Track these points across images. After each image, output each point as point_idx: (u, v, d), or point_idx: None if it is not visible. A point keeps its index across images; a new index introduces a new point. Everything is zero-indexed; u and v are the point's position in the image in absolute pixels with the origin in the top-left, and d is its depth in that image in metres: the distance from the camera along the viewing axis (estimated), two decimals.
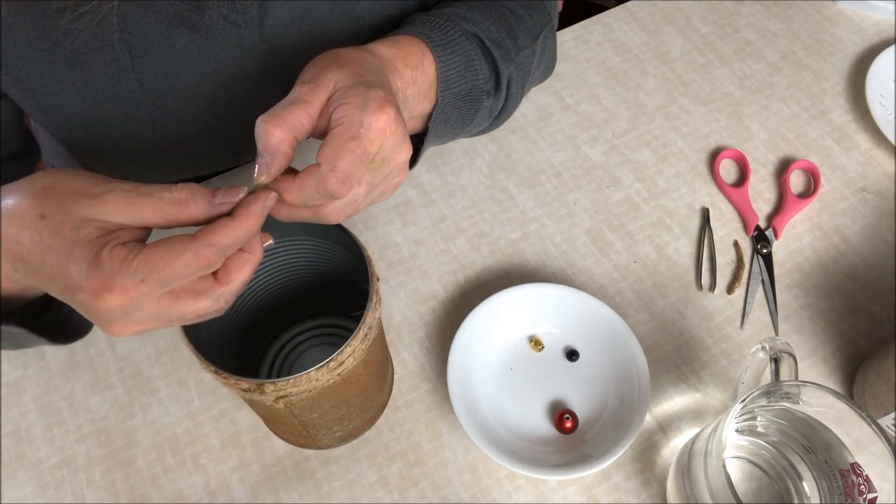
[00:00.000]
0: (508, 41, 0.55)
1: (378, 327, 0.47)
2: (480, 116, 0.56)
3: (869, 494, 0.43)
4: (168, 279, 0.33)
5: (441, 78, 0.50)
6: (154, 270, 0.33)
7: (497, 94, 0.55)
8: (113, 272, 0.32)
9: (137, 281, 0.33)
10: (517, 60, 0.56)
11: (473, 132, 0.60)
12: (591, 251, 0.66)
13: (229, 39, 0.53)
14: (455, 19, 0.52)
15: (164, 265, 0.33)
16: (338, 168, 0.38)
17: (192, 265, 0.33)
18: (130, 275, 0.32)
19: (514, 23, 0.56)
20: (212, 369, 0.42)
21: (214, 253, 0.34)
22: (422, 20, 0.52)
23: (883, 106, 0.73)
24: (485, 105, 0.55)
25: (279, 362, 0.60)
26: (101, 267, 0.32)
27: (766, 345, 0.48)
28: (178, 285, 0.34)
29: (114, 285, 0.32)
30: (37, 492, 0.56)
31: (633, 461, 0.56)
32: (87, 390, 0.60)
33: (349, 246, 0.47)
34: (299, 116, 0.39)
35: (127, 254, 0.33)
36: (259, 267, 0.52)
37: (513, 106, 0.60)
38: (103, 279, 0.32)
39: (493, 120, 0.59)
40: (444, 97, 0.50)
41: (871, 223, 0.67)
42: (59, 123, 0.53)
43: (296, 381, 0.41)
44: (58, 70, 0.50)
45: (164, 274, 0.33)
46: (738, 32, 0.80)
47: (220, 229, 0.34)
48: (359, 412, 0.53)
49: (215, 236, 0.34)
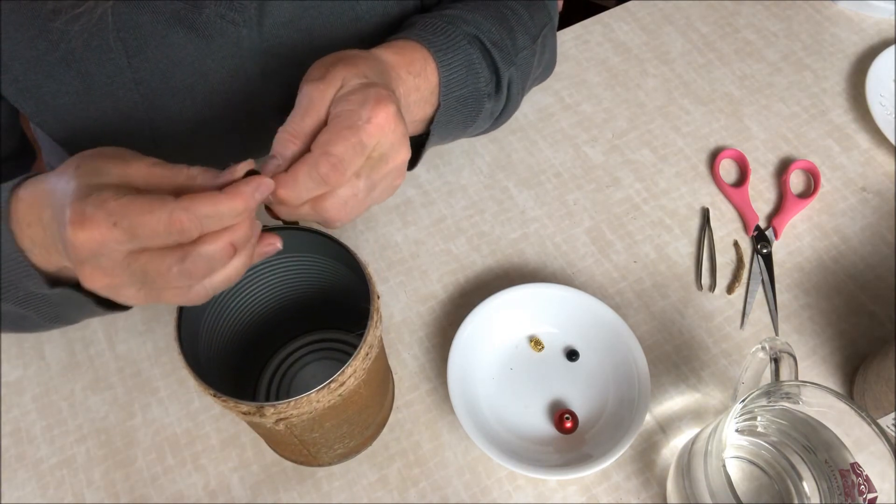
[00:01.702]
0: (508, 42, 0.55)
1: (379, 345, 0.46)
2: (481, 118, 0.56)
3: (869, 494, 0.43)
4: (138, 230, 0.33)
5: (443, 83, 0.50)
6: (127, 217, 0.33)
7: (498, 95, 0.56)
8: (91, 208, 0.33)
9: (110, 223, 0.33)
10: (517, 61, 0.56)
11: (474, 133, 0.60)
12: (591, 251, 0.66)
13: (226, 38, 0.53)
14: (456, 22, 0.52)
15: (137, 215, 0.33)
16: (330, 152, 0.38)
17: (164, 223, 0.33)
18: (105, 215, 0.33)
19: (514, 23, 0.56)
20: (211, 392, 0.41)
21: (189, 219, 0.33)
22: (423, 23, 0.52)
23: (883, 106, 0.73)
24: (486, 107, 0.55)
25: (279, 377, 0.60)
26: (84, 202, 0.34)
27: (766, 345, 0.48)
28: (149, 243, 0.34)
29: (87, 220, 0.33)
30: (37, 492, 0.56)
31: (633, 461, 0.56)
32: (87, 390, 0.60)
33: (350, 263, 0.46)
34: (314, 126, 0.40)
35: (110, 196, 0.34)
36: (260, 282, 0.52)
37: (513, 107, 0.60)
38: (81, 212, 0.34)
39: (494, 121, 0.60)
40: (447, 101, 0.51)
41: (871, 223, 0.67)
42: (56, 123, 0.53)
43: (296, 404, 0.41)
44: (54, 70, 0.50)
45: (135, 223, 0.33)
46: (738, 32, 0.80)
47: (201, 197, 0.34)
48: (360, 430, 0.53)
49: (194, 202, 0.34)
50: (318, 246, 0.48)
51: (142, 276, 0.35)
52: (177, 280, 0.35)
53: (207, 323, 0.49)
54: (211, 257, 0.35)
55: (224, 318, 0.51)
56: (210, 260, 0.35)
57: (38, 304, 0.45)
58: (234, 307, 0.52)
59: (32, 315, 0.46)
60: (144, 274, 0.35)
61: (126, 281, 0.35)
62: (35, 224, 0.40)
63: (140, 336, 0.62)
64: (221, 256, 0.35)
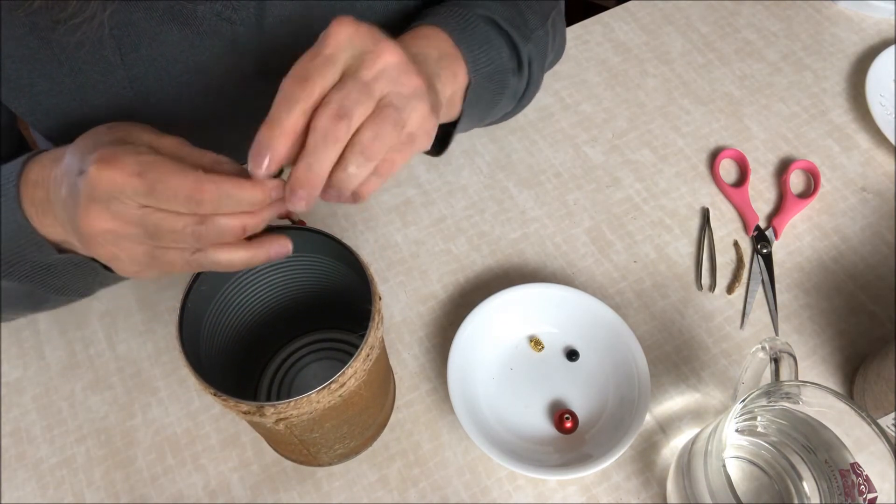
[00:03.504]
0: (520, 21, 0.56)
1: (380, 346, 0.46)
2: (507, 97, 0.57)
3: (869, 494, 0.43)
4: (158, 186, 0.34)
5: (469, 60, 0.50)
6: (154, 170, 0.34)
7: (520, 73, 0.56)
8: (124, 153, 0.35)
9: (136, 171, 0.34)
10: (533, 39, 0.57)
11: (497, 116, 0.61)
12: (591, 251, 0.66)
13: (222, 36, 0.53)
14: (469, 6, 0.53)
15: (164, 172, 0.34)
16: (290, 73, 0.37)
17: (188, 187, 0.34)
18: (135, 162, 0.34)
19: (523, 6, 0.58)
20: (211, 391, 0.41)
21: (211, 191, 0.34)
22: (435, 11, 0.53)
23: (883, 106, 0.73)
24: (511, 84, 0.56)
25: (280, 377, 0.60)
26: (118, 147, 0.35)
27: (766, 345, 0.48)
28: (163, 203, 0.35)
29: (115, 161, 0.35)
30: (37, 492, 0.56)
31: (633, 461, 0.56)
32: (87, 390, 0.60)
33: (352, 263, 0.46)
34: None
35: (145, 150, 0.36)
36: (262, 282, 0.52)
37: (534, 87, 0.61)
38: (112, 153, 0.35)
39: (518, 102, 0.61)
40: (476, 77, 0.51)
41: (871, 223, 0.67)
42: (50, 122, 0.53)
43: (297, 404, 0.41)
44: (46, 68, 0.50)
45: (160, 178, 0.34)
46: (738, 32, 0.80)
47: (228, 178, 0.35)
48: (360, 430, 0.53)
49: (221, 178, 0.35)
50: (321, 246, 0.48)
51: (152, 229, 0.36)
52: (185, 240, 0.36)
53: (209, 322, 0.49)
54: (224, 228, 0.36)
55: (226, 318, 0.51)
56: (222, 231, 0.36)
57: (44, 275, 0.45)
58: (235, 306, 0.52)
59: (38, 289, 0.46)
60: (156, 228, 0.35)
61: (130, 231, 0.36)
62: (41, 184, 0.41)
63: (140, 336, 0.62)
64: (233, 232, 0.36)
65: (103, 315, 0.63)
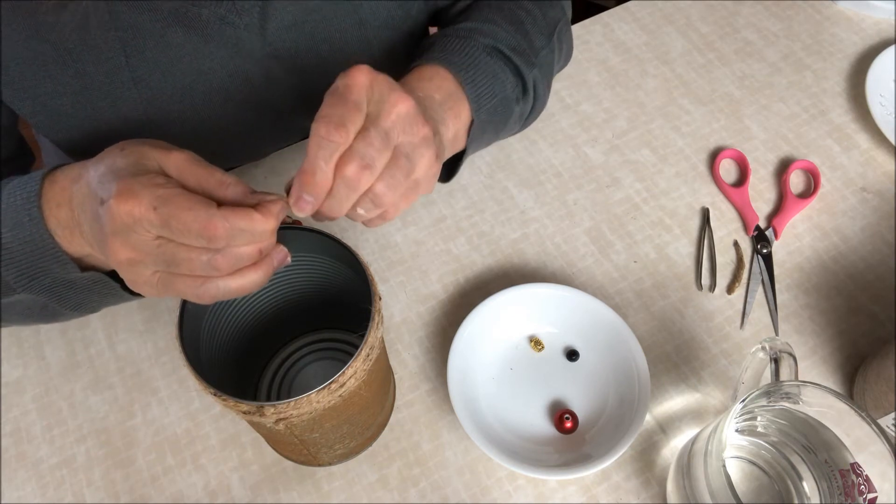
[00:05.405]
0: (526, 45, 0.56)
1: (380, 347, 0.46)
2: (512, 122, 0.57)
3: (869, 494, 0.43)
4: (172, 221, 0.35)
5: (472, 98, 0.51)
6: (168, 205, 0.35)
7: (525, 97, 0.57)
8: (140, 186, 0.36)
9: (151, 205, 0.35)
10: (538, 62, 0.57)
11: (506, 136, 0.61)
12: (591, 251, 0.66)
13: (225, 39, 0.53)
14: (473, 35, 0.53)
15: (178, 208, 0.35)
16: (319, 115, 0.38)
17: (200, 224, 0.35)
18: (150, 196, 0.35)
19: (529, 25, 0.57)
20: (211, 391, 0.41)
21: (224, 228, 0.35)
22: (441, 45, 0.53)
23: (883, 106, 0.73)
24: (515, 111, 0.56)
25: (280, 377, 0.60)
26: (135, 179, 0.36)
27: (766, 345, 0.48)
28: (177, 236, 0.36)
29: (133, 195, 0.35)
30: (37, 492, 0.56)
31: (633, 461, 0.56)
32: (87, 390, 0.60)
33: (352, 264, 0.46)
34: None
35: (161, 182, 0.36)
36: None
37: (541, 105, 0.61)
38: (130, 187, 0.36)
39: (524, 121, 0.61)
40: (479, 116, 0.52)
41: (871, 223, 0.67)
42: (54, 124, 0.53)
43: (297, 404, 0.41)
44: (51, 70, 0.50)
45: (173, 214, 0.35)
46: (738, 32, 0.80)
47: (240, 211, 0.36)
48: (360, 430, 0.53)
49: (233, 214, 0.35)
50: (321, 246, 0.48)
51: (169, 258, 0.36)
52: (201, 268, 0.36)
53: (209, 322, 0.49)
54: (241, 256, 0.37)
55: (226, 318, 0.51)
56: (239, 259, 0.37)
57: (63, 291, 0.46)
58: (236, 307, 0.52)
59: (53, 304, 0.46)
60: (172, 256, 0.36)
61: (147, 260, 0.37)
62: (64, 205, 0.41)
63: (140, 336, 0.62)
64: (250, 257, 0.37)
65: (103, 315, 0.63)
